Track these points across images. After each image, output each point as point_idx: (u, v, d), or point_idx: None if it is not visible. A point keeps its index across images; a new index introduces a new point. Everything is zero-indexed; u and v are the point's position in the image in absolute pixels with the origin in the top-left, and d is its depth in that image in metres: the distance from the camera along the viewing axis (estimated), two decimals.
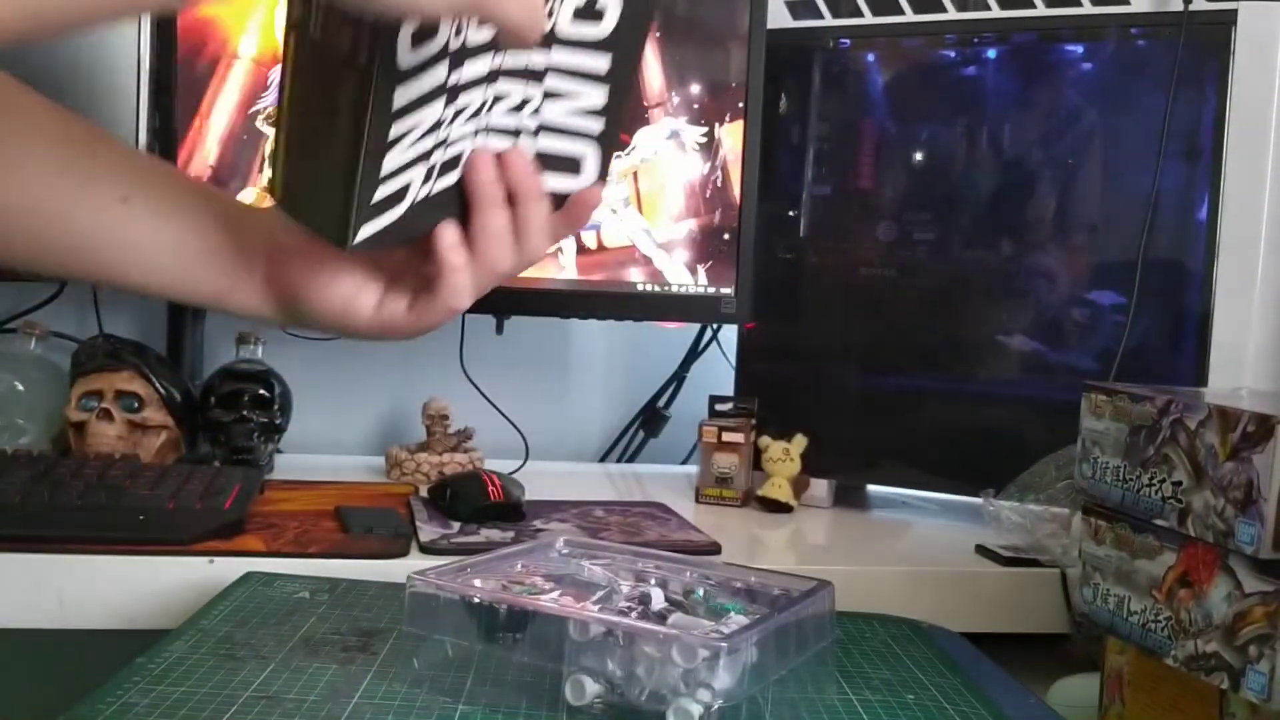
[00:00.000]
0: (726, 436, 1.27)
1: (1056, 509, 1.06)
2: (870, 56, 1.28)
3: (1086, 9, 1.17)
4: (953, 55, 1.25)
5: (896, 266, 1.26)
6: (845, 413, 1.29)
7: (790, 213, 1.32)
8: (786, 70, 1.31)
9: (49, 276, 0.66)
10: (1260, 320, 1.11)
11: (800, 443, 1.26)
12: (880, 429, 1.27)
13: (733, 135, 1.29)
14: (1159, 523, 0.78)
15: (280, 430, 1.28)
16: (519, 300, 1.29)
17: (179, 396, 1.22)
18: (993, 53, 1.23)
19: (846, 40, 1.29)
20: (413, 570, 0.67)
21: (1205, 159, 1.13)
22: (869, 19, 1.26)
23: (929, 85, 1.27)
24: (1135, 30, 1.16)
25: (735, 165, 1.29)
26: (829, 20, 1.28)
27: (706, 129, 1.30)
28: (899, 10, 1.24)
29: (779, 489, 1.25)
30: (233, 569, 0.88)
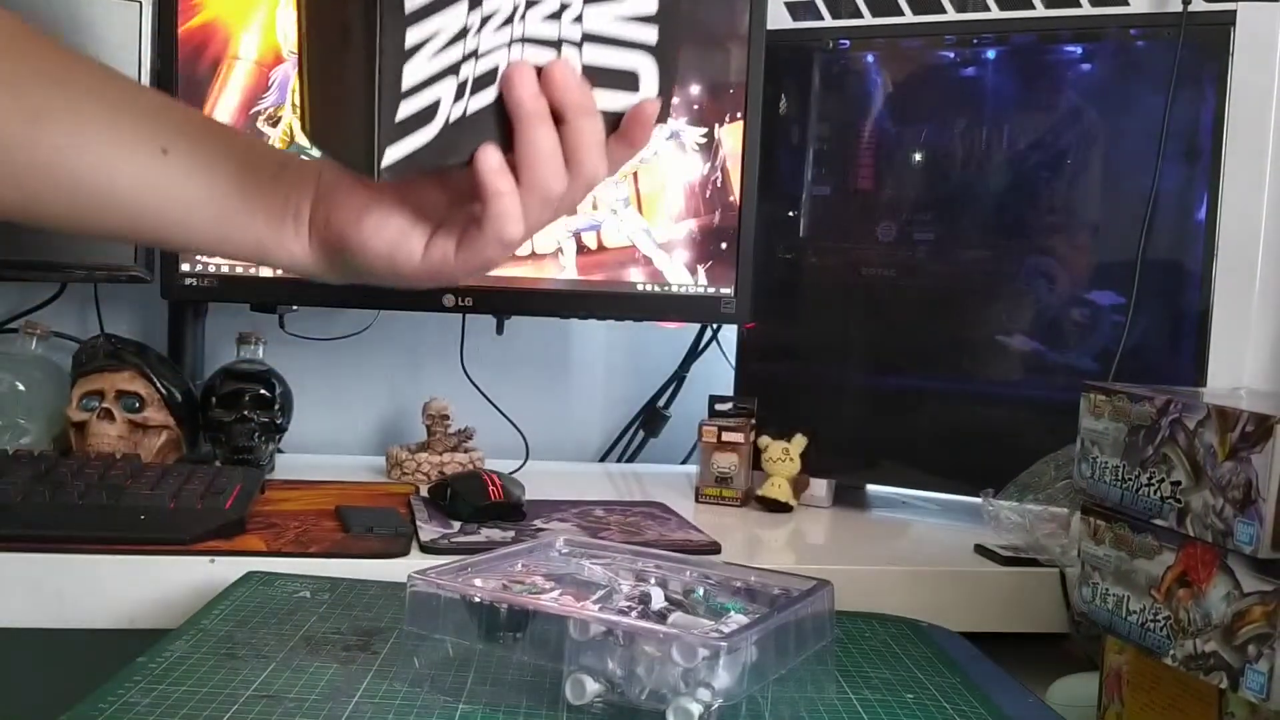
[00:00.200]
0: (726, 436, 1.27)
1: (1056, 509, 1.06)
2: (870, 57, 1.28)
3: (1086, 10, 1.17)
4: (952, 56, 1.25)
5: (896, 267, 1.26)
6: (845, 412, 1.29)
7: (790, 213, 1.32)
8: (786, 71, 1.31)
9: (87, 234, 0.64)
10: (1259, 320, 1.11)
11: (800, 442, 1.26)
12: (880, 429, 1.27)
13: (732, 135, 1.30)
14: (1158, 522, 0.78)
15: (281, 430, 1.28)
16: (519, 300, 1.29)
17: (180, 396, 1.22)
18: (992, 53, 1.23)
19: (846, 41, 1.29)
20: (413, 570, 0.67)
21: (1204, 159, 1.13)
22: (868, 20, 1.26)
23: (928, 86, 1.27)
24: (1134, 31, 1.16)
25: (735, 165, 1.30)
26: (829, 21, 1.29)
27: (706, 129, 1.30)
28: (898, 11, 1.25)
29: (779, 489, 1.25)
30: (233, 568, 0.88)
